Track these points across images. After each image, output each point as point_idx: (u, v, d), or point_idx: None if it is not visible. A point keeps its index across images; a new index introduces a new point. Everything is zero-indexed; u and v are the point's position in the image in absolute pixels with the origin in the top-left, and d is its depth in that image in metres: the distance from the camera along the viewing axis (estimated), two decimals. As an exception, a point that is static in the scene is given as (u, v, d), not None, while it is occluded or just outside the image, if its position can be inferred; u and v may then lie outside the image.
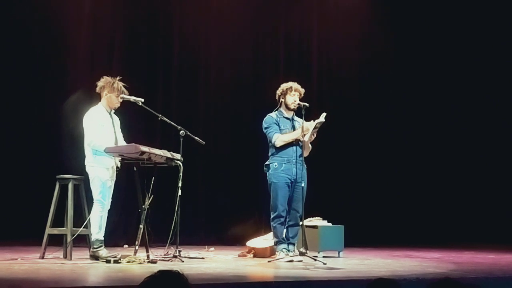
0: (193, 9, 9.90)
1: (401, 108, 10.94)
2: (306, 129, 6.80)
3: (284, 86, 7.07)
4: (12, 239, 7.98)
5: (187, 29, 9.91)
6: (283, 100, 7.05)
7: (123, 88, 6.57)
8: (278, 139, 6.90)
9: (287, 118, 7.06)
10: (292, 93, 7.00)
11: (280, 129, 6.96)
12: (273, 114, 7.08)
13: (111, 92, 6.53)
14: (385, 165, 10.74)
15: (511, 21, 10.88)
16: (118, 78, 6.60)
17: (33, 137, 8.80)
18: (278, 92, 7.09)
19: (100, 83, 6.58)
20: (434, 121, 11.09)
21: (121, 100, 6.59)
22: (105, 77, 6.61)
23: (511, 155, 10.86)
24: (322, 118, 6.78)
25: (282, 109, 7.08)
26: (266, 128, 7.03)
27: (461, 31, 11.12)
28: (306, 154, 7.02)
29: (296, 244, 6.86)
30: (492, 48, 11.02)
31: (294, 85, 7.04)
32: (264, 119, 7.09)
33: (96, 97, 6.68)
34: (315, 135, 6.92)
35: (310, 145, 7.00)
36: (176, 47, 9.80)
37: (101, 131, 6.44)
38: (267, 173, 6.99)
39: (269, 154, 7.03)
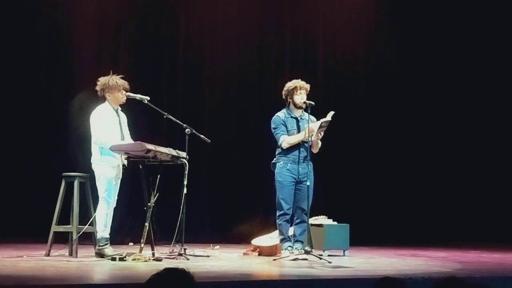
0: (199, 6, 9.91)
1: (407, 106, 10.91)
2: (311, 130, 6.80)
3: (288, 86, 7.04)
4: (18, 237, 8.01)
5: (193, 27, 9.92)
6: (290, 100, 7.04)
7: (120, 81, 6.54)
8: (285, 142, 6.91)
9: (294, 118, 7.03)
10: (299, 92, 6.98)
11: (287, 130, 6.96)
12: (281, 114, 7.06)
13: (111, 91, 6.52)
14: (390, 164, 10.72)
15: (511, 21, 10.85)
16: (111, 75, 6.55)
17: (39, 135, 8.82)
18: (284, 92, 7.07)
19: (98, 88, 6.56)
20: (440, 119, 11.06)
21: (125, 96, 6.58)
22: (99, 79, 6.58)
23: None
24: (328, 117, 6.76)
25: (291, 108, 7.07)
26: (274, 128, 7.03)
27: (462, 31, 11.09)
28: (315, 151, 7.02)
29: (304, 242, 6.84)
30: (492, 48, 11.00)
31: (299, 83, 7.02)
32: (272, 118, 7.07)
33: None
34: (322, 134, 6.91)
35: (319, 142, 6.99)
36: (181, 45, 9.81)
37: (107, 129, 6.44)
38: (274, 171, 7.00)
39: (276, 153, 7.04)
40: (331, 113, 6.75)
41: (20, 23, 8.85)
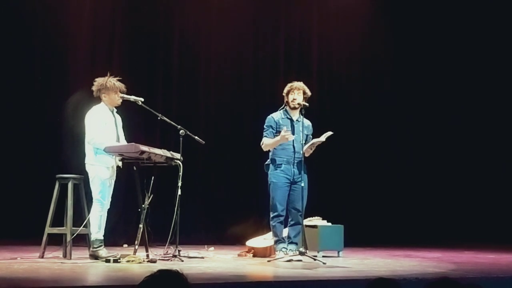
0: (194, 8, 9.90)
1: (401, 107, 10.93)
2: (286, 139, 6.74)
3: (288, 85, 7.07)
4: (12, 238, 7.98)
5: (188, 28, 9.92)
6: (287, 99, 7.05)
7: (117, 84, 6.54)
8: (264, 145, 6.95)
9: (290, 119, 7.02)
10: (292, 92, 6.99)
11: (276, 131, 6.93)
12: (276, 114, 7.03)
13: (107, 92, 6.52)
14: (384, 164, 10.73)
15: (510, 21, 10.88)
16: (108, 76, 6.56)
17: (33, 136, 8.80)
18: (284, 91, 7.08)
19: (94, 88, 6.56)
20: (433, 120, 11.08)
21: (121, 98, 6.58)
22: (96, 80, 6.58)
23: (511, 154, 10.87)
24: (322, 138, 6.80)
25: (287, 108, 7.07)
26: (264, 129, 7.03)
27: (461, 30, 11.10)
28: (307, 155, 7.01)
29: (298, 244, 6.84)
30: (492, 48, 11.01)
31: (295, 84, 7.02)
32: (267, 118, 7.08)
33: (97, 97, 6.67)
34: (313, 149, 6.93)
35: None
36: (176, 46, 9.80)
37: (103, 129, 6.43)
38: (268, 172, 6.99)
39: (270, 153, 7.03)
40: (328, 133, 6.78)
41: (14, 24, 8.82)
